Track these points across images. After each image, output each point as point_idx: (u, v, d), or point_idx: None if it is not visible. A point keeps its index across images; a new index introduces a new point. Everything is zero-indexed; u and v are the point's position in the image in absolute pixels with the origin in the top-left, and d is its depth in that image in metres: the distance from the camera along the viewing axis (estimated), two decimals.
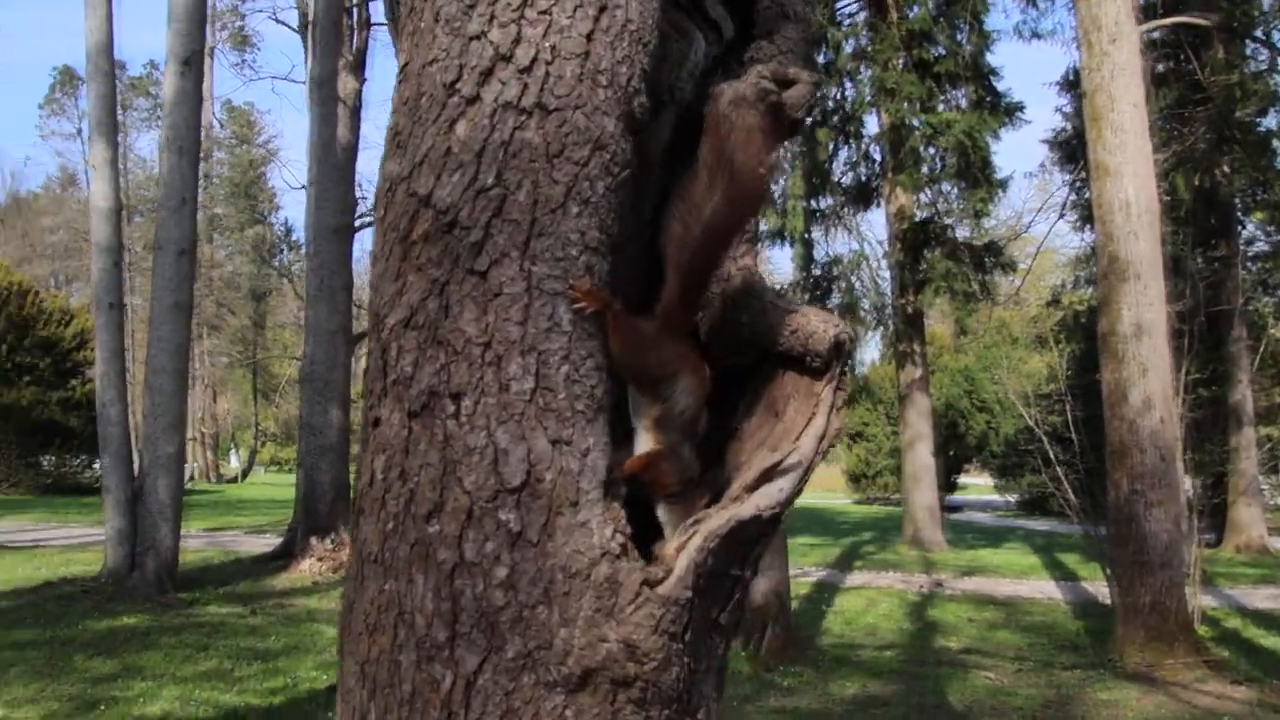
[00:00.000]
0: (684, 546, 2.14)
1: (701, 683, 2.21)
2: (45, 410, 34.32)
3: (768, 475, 2.23)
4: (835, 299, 24.05)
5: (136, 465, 17.29)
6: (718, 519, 2.16)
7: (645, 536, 2.24)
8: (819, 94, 2.49)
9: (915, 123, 21.58)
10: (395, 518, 2.16)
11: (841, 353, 2.35)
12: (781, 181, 23.04)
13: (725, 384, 2.56)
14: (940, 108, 21.78)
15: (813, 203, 23.37)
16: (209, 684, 10.22)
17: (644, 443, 2.33)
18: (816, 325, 2.33)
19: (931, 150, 22.15)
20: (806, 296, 23.97)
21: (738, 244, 2.52)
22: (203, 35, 17.58)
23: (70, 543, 21.41)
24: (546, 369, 2.13)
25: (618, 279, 2.43)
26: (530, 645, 2.06)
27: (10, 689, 9.51)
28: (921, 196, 23.01)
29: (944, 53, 21.45)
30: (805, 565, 20.60)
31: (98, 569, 16.40)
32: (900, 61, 21.62)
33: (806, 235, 23.30)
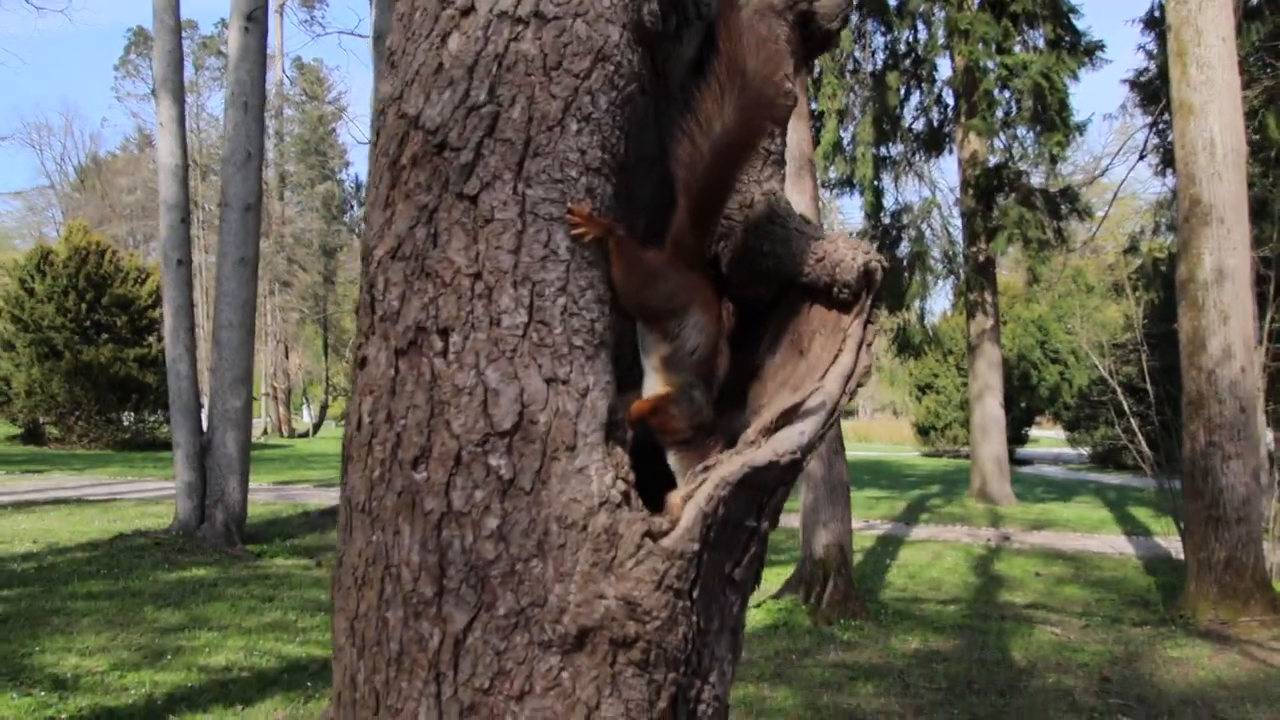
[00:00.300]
0: (692, 495, 1.94)
1: (714, 643, 2.02)
2: (123, 367, 35.09)
3: (787, 417, 2.03)
4: (904, 247, 23.43)
5: (206, 420, 17.56)
6: (730, 465, 1.96)
7: (657, 486, 2.05)
8: (853, 2, 2.22)
9: (989, 64, 20.79)
10: (382, 464, 2.00)
11: (872, 283, 2.12)
12: (851, 128, 22.47)
13: (747, 319, 2.34)
14: (1016, 48, 20.96)
15: (882, 149, 22.72)
16: (273, 635, 10.33)
17: (653, 384, 2.14)
18: (844, 253, 2.10)
19: (1006, 93, 21.38)
20: (876, 244, 23.44)
21: (758, 165, 2.30)
22: None
23: (145, 496, 21.92)
24: (541, 301, 1.94)
25: (634, 214, 2.22)
26: (523, 602, 1.89)
27: (83, 638, 9.70)
28: (995, 142, 22.26)
29: None
30: (870, 518, 20.33)
31: (169, 522, 16.73)
32: (974, 1, 20.88)
33: (876, 183, 22.66)
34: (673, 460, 2.12)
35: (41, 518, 18.02)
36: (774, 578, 12.84)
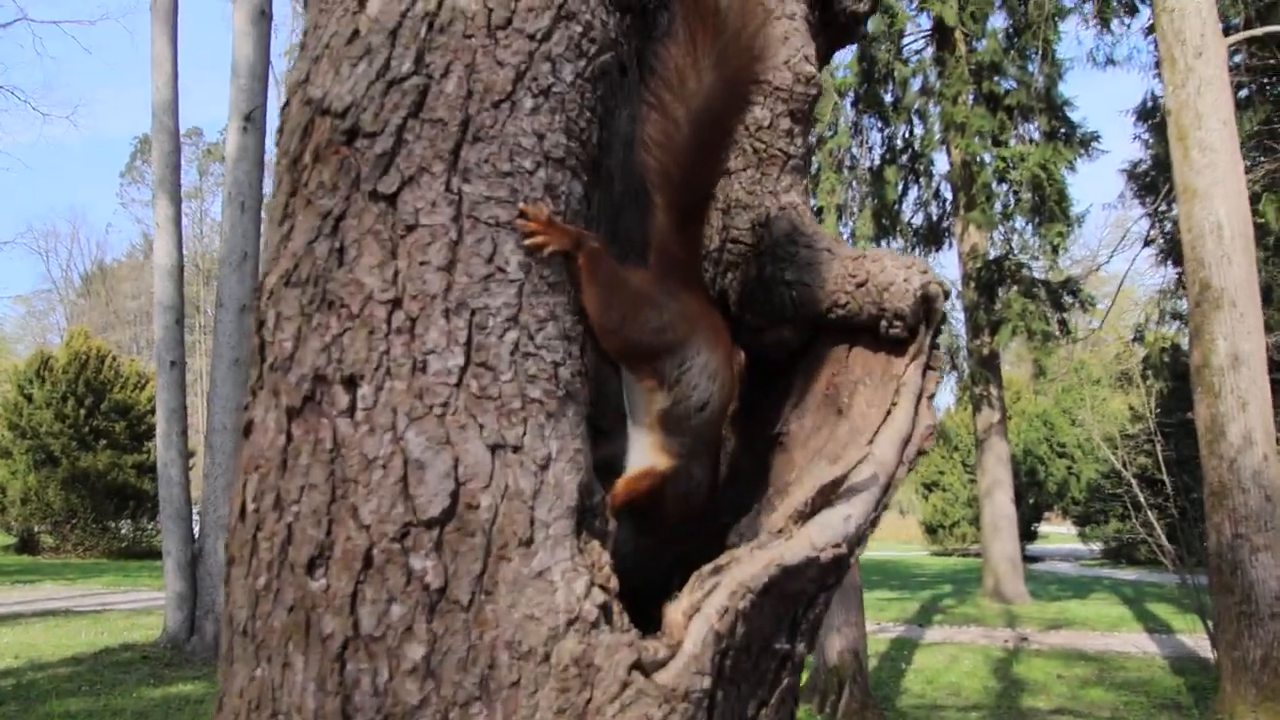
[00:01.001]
0: (699, 608, 1.35)
1: None
2: (120, 474, 34.32)
3: (826, 497, 1.45)
4: None
5: (198, 527, 16.88)
6: (751, 565, 1.38)
7: (646, 597, 1.47)
8: None
9: (986, 158, 20.59)
10: (269, 569, 1.41)
11: (932, 313, 1.57)
12: (850, 222, 22.21)
13: (765, 375, 1.78)
14: (1012, 142, 20.80)
15: (882, 244, 22.45)
16: None
17: (642, 451, 1.57)
18: (895, 273, 1.55)
19: (1004, 186, 21.12)
20: None
21: (774, 173, 1.76)
22: (265, 91, 17.44)
23: (137, 607, 21.06)
24: (484, 337, 1.38)
25: (621, 233, 1.68)
26: None
27: None
28: (995, 234, 21.98)
29: (1015, 84, 20.47)
30: (882, 620, 19.44)
31: (158, 634, 15.92)
32: (969, 96, 20.76)
33: None
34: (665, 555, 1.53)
35: (26, 630, 17.17)
36: None
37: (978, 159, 21.09)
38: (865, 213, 21.71)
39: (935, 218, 23.19)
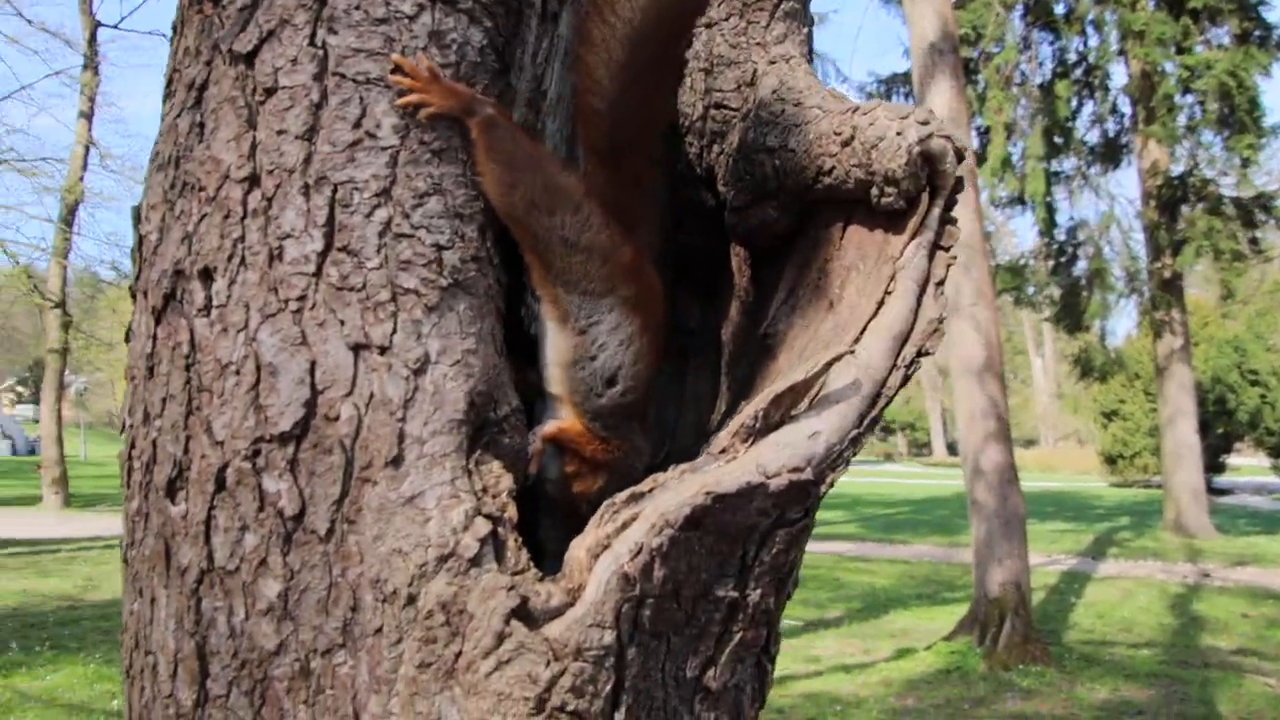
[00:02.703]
0: (607, 545, 1.05)
1: None
2: None
3: (783, 408, 1.11)
4: (1082, 265, 21.32)
5: None
6: (677, 492, 1.06)
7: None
8: None
9: (1169, 67, 18.65)
10: (140, 491, 1.20)
11: (937, 175, 1.19)
12: (1019, 142, 20.75)
13: (761, 264, 1.44)
14: (1197, 48, 18.80)
15: (1053, 163, 20.82)
16: None
17: (551, 414, 1.29)
18: (885, 126, 1.18)
19: (1188, 97, 19.16)
20: (1051, 264, 21.48)
21: (762, 20, 1.40)
22: None
23: None
24: (347, 216, 1.10)
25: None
26: None
27: None
28: (1178, 149, 20.07)
29: None
30: (1053, 553, 18.43)
31: None
32: (1149, 1, 18.89)
33: (1048, 199, 20.75)
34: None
35: None
36: (947, 616, 11.53)
37: (1159, 68, 19.20)
38: (1035, 131, 20.16)
39: (1112, 134, 21.36)
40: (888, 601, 13.52)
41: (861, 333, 1.18)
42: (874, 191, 1.20)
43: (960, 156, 1.19)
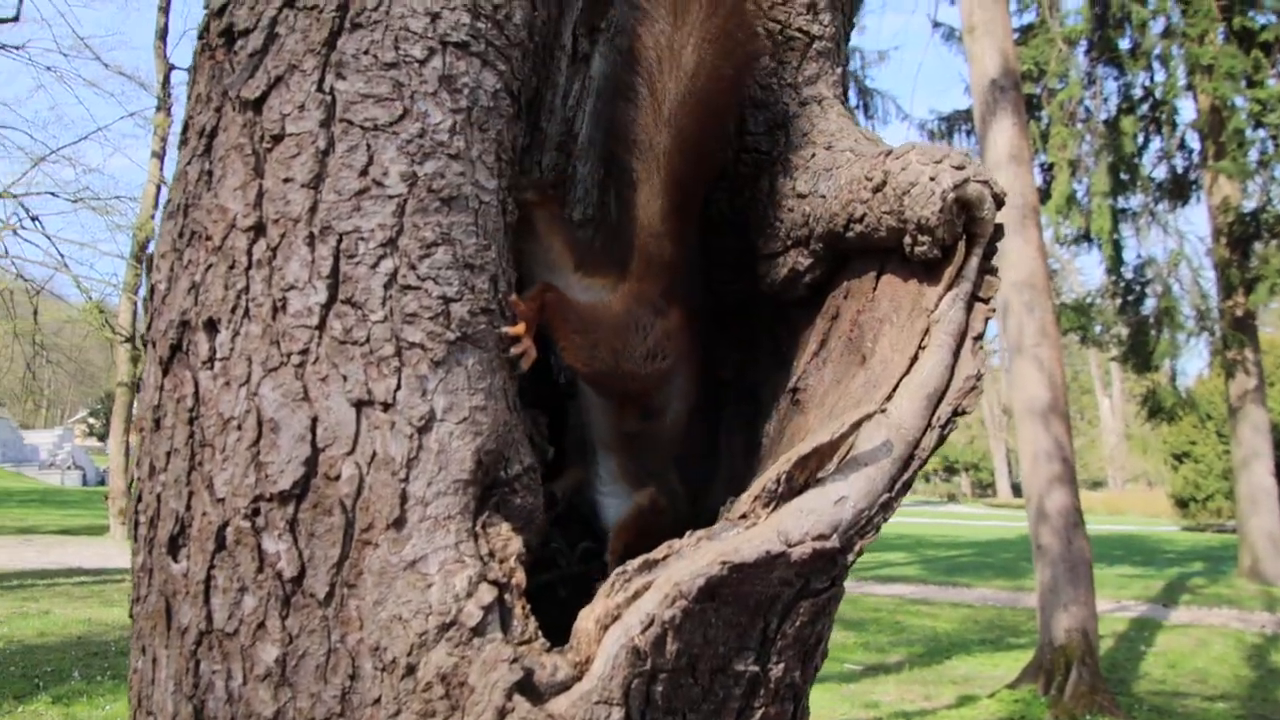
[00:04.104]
0: (617, 615, 0.99)
1: None
2: None
3: (807, 471, 1.05)
4: (1150, 303, 20.83)
5: None
6: (692, 560, 1.00)
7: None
8: None
9: (1239, 101, 18.28)
10: (145, 546, 1.17)
11: (975, 223, 1.12)
12: (1085, 179, 20.37)
13: (792, 315, 1.38)
14: (1270, 83, 18.37)
15: (1119, 200, 20.44)
16: None
17: (609, 469, 1.26)
18: (917, 171, 1.12)
19: (1260, 131, 18.72)
20: (1118, 302, 21.00)
21: (794, 60, 1.35)
22: None
23: None
24: (352, 267, 1.07)
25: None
26: None
27: None
28: (1249, 184, 19.56)
29: (1273, 18, 18.04)
30: (1121, 599, 17.84)
31: None
32: (1218, 34, 18.48)
33: (1115, 236, 20.35)
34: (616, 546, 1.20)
35: None
36: (1011, 663, 11.19)
37: (1228, 103, 18.77)
38: (1101, 167, 19.80)
39: (1180, 170, 20.90)
40: (950, 646, 13.17)
41: (894, 390, 1.12)
42: (907, 240, 1.13)
43: (1000, 203, 1.12)
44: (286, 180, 1.08)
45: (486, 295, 1.10)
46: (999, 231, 1.14)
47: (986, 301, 1.14)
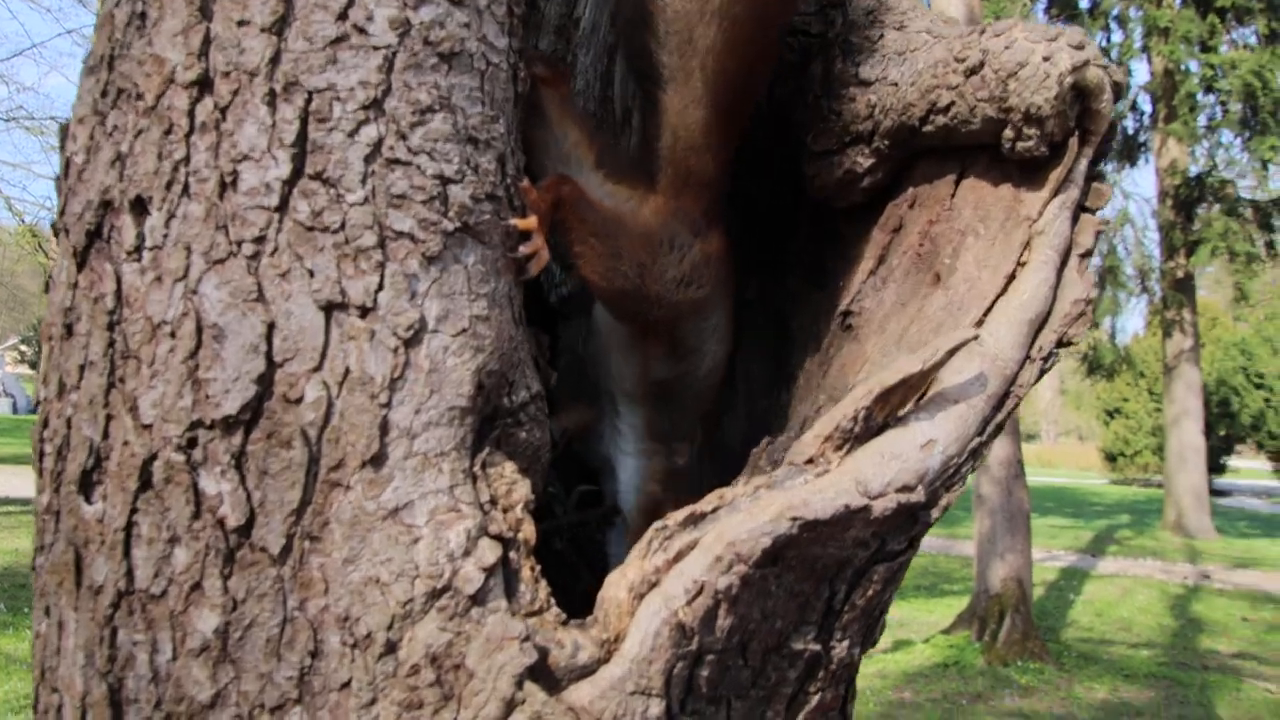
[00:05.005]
0: (656, 582, 0.78)
1: None
2: None
3: (890, 405, 0.83)
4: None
5: None
6: (752, 515, 0.79)
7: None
8: None
9: (1193, 65, 18.28)
10: (51, 482, 0.92)
11: (1091, 116, 0.90)
12: None
13: (840, 225, 1.16)
14: (1223, 48, 18.38)
15: None
16: None
17: (634, 426, 1.04)
18: (1027, 50, 0.90)
19: (1210, 96, 18.76)
20: None
21: None
22: None
23: None
24: (325, 134, 0.82)
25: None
26: None
27: None
28: (1197, 149, 19.66)
29: None
30: (1052, 548, 18.18)
31: None
32: None
33: None
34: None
35: None
36: (945, 609, 11.30)
37: (1182, 67, 18.80)
38: None
39: (1131, 131, 21.00)
40: None
41: (985, 313, 0.90)
42: (1008, 134, 0.92)
43: (1119, 93, 0.90)
44: (242, 23, 0.83)
45: (493, 178, 0.87)
46: (1113, 130, 0.93)
47: (1094, 212, 0.93)
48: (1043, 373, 0.89)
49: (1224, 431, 31.72)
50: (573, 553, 1.14)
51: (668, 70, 1.04)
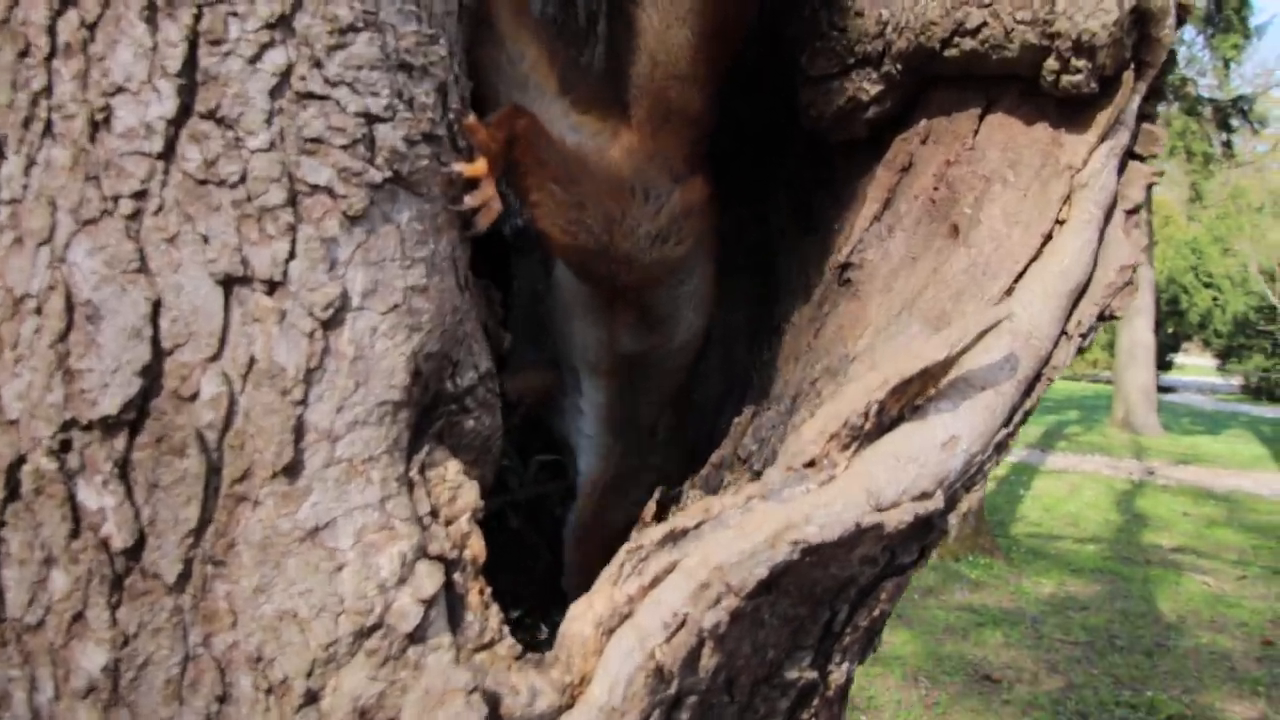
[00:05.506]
0: (627, 614, 0.65)
1: None
2: None
3: (906, 397, 0.69)
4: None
5: None
6: (743, 533, 0.65)
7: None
8: None
9: None
10: None
11: (1149, 45, 0.75)
12: None
13: (836, 160, 1.01)
14: None
15: None
16: None
17: (595, 407, 0.88)
18: None
19: None
20: None
21: None
22: None
23: None
24: (219, 59, 0.65)
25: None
26: None
27: None
28: None
29: None
30: None
31: None
32: None
33: None
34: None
35: None
36: None
37: None
38: None
39: None
40: None
41: (1016, 281, 0.76)
42: (1051, 65, 0.76)
43: (1183, 18, 0.75)
44: None
45: (431, 114, 0.70)
46: (1172, 60, 0.77)
47: (1145, 161, 0.79)
48: (1080, 351, 0.75)
49: (1172, 329, 32.28)
50: (531, 531, 1.01)
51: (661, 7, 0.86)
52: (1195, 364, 40.51)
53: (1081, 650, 7.79)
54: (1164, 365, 32.03)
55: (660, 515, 0.89)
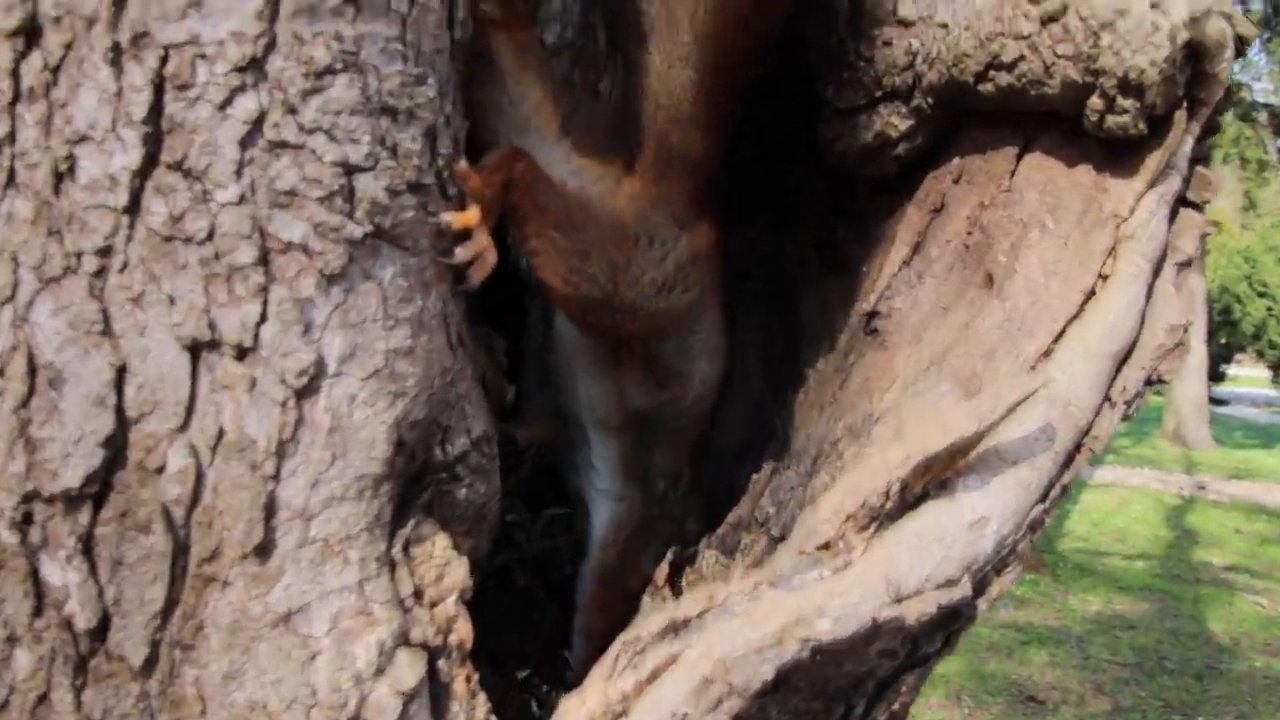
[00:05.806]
0: (623, 713, 0.59)
1: None
2: None
3: (930, 474, 0.63)
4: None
5: None
6: (742, 624, 0.59)
7: None
8: None
9: None
10: None
11: (1205, 82, 0.68)
12: None
13: (864, 199, 0.95)
14: None
15: None
16: None
17: (606, 459, 0.83)
18: None
19: None
20: None
21: None
22: None
23: None
24: (186, 106, 0.61)
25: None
26: None
27: None
28: None
29: None
30: None
31: None
32: None
33: None
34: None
35: None
36: None
37: None
38: None
39: None
40: None
41: (1055, 341, 0.70)
42: (1095, 104, 0.69)
43: (1241, 50, 0.68)
44: None
45: (418, 160, 0.65)
46: (1229, 97, 0.70)
47: (1199, 209, 0.72)
48: (1125, 418, 0.69)
49: (1225, 340, 31.58)
50: (539, 587, 0.96)
51: (648, 19, 0.81)
52: (1249, 376, 39.57)
53: (1130, 671, 7.60)
54: (1216, 377, 31.33)
55: (674, 577, 0.84)
